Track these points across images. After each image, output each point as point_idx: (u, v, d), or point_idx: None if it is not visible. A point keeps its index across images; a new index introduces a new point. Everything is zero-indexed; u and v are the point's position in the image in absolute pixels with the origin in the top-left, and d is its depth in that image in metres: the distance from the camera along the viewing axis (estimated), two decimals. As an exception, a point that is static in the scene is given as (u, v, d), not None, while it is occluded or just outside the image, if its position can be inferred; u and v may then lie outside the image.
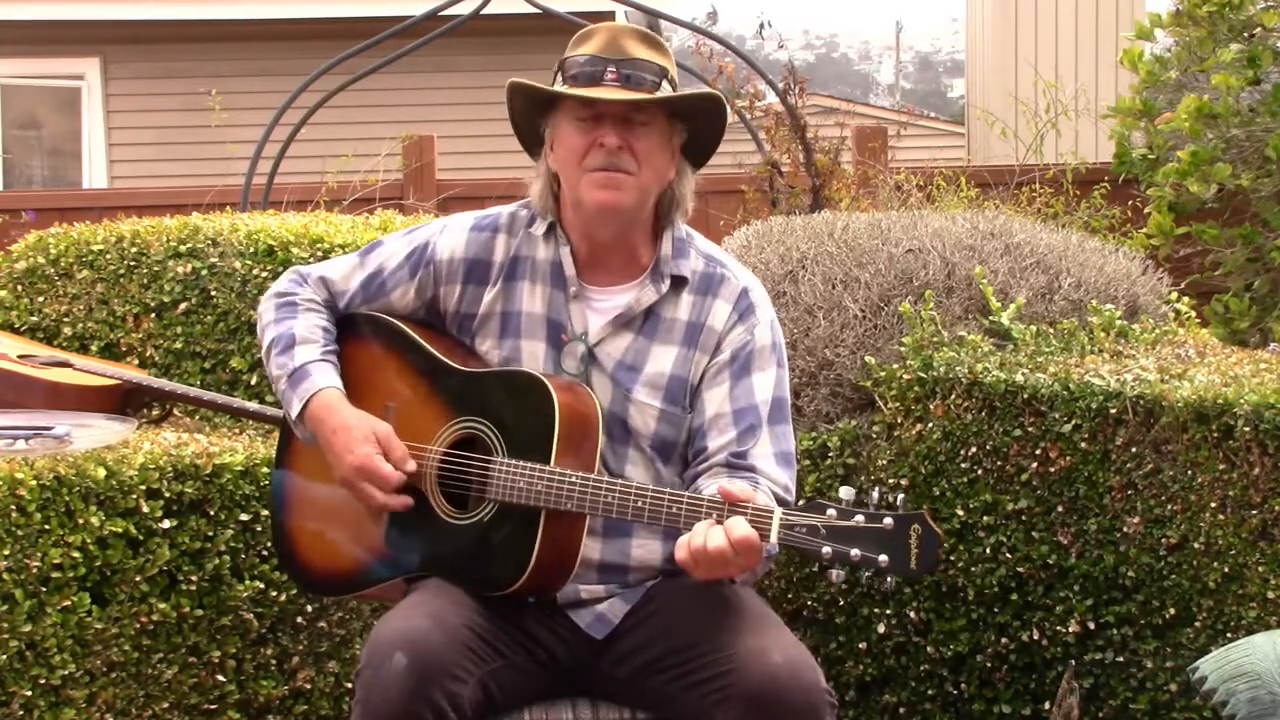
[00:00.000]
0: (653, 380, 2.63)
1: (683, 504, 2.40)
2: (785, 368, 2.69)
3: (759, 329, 2.66)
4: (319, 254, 3.99)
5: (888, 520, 2.27)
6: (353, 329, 2.79)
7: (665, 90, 2.60)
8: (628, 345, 2.65)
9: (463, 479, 2.58)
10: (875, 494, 2.33)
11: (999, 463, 3.34)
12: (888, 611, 3.44)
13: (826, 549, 2.27)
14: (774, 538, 2.30)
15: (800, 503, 2.38)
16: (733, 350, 2.64)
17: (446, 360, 2.67)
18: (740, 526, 2.30)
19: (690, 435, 2.64)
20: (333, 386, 2.68)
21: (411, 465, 2.60)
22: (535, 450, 2.50)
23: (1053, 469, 3.28)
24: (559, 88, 2.61)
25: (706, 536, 2.32)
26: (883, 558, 2.26)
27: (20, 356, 3.64)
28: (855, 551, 2.27)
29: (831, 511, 2.29)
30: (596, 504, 2.45)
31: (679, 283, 2.67)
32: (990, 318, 3.64)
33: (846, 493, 2.31)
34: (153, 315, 3.99)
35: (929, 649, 3.42)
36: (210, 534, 3.22)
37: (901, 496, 2.32)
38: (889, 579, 2.30)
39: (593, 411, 2.56)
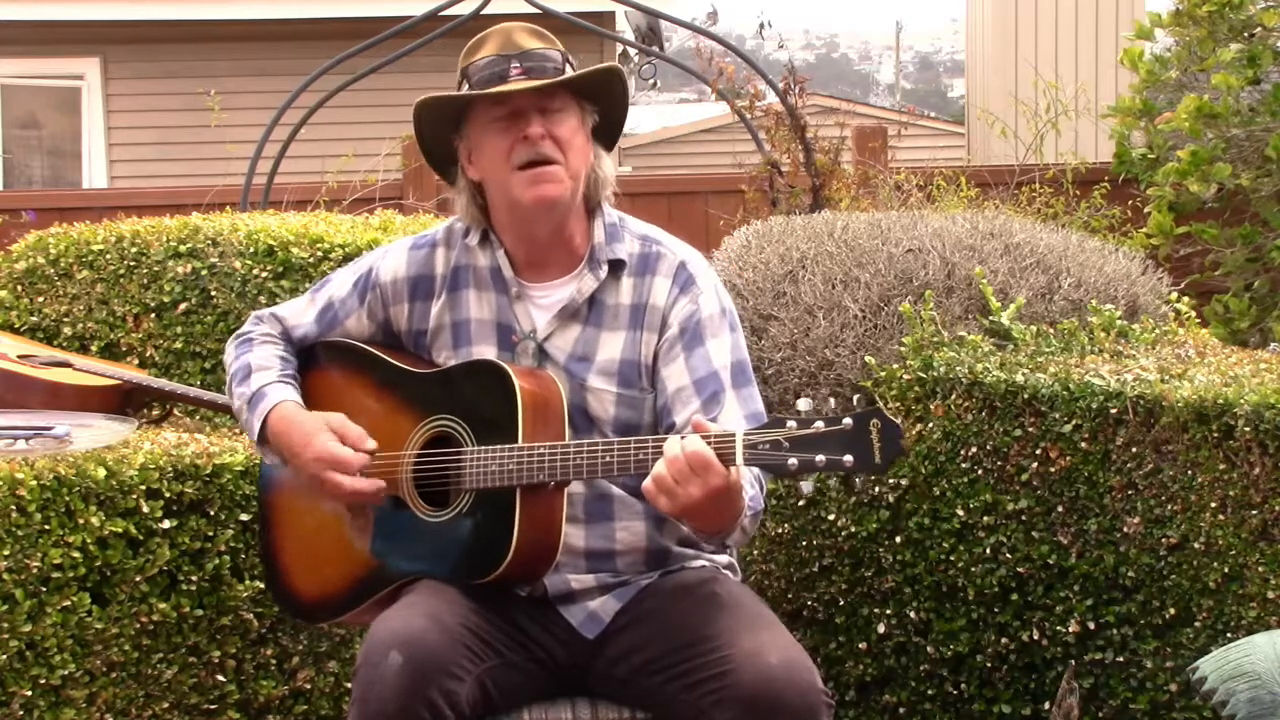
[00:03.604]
0: (605, 367, 2.65)
1: (648, 447, 2.41)
2: (739, 332, 2.70)
3: (703, 297, 2.66)
4: (319, 254, 3.99)
5: (847, 421, 2.27)
6: (313, 358, 2.83)
7: (569, 74, 2.64)
8: (577, 336, 2.67)
9: (439, 477, 2.59)
10: (832, 402, 2.33)
11: (999, 463, 3.34)
12: (888, 611, 3.44)
13: (792, 460, 2.27)
14: (739, 459, 2.30)
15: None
16: (680, 323, 2.64)
17: (407, 367, 2.71)
18: (694, 443, 2.31)
19: (657, 416, 2.64)
20: (288, 400, 2.71)
21: (371, 444, 2.62)
22: (503, 433, 2.52)
23: (1053, 469, 3.28)
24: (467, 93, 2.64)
25: (664, 460, 2.32)
26: (847, 458, 2.26)
27: (20, 356, 3.64)
28: (820, 457, 2.26)
29: (792, 423, 2.28)
30: (568, 468, 2.46)
31: (617, 267, 2.68)
32: (990, 318, 3.64)
33: (805, 404, 2.32)
34: (153, 315, 3.99)
35: (929, 649, 3.42)
36: (210, 534, 3.22)
37: (858, 396, 2.33)
38: (858, 479, 2.30)
39: (555, 392, 2.58)
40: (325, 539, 2.73)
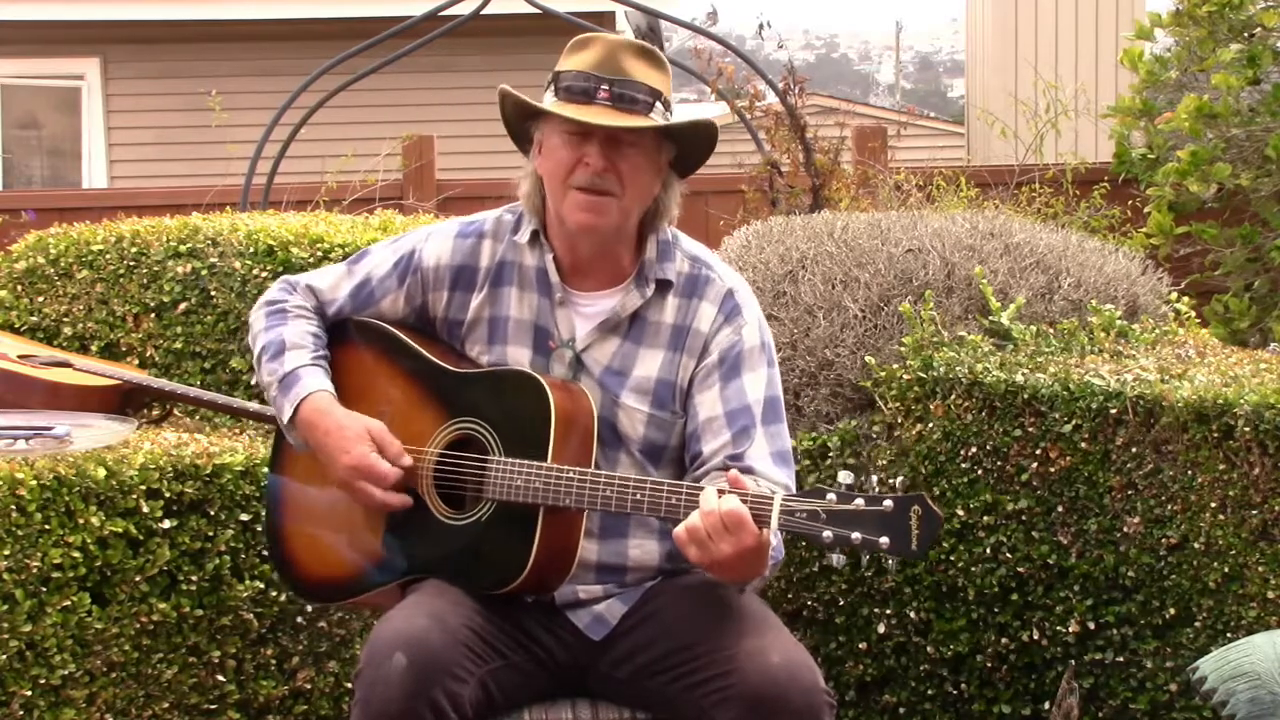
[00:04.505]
0: (640, 385, 2.63)
1: (681, 494, 2.40)
2: (775, 367, 2.68)
3: (746, 329, 2.65)
4: (319, 254, 3.99)
5: (887, 503, 2.27)
6: (345, 335, 2.78)
7: (658, 111, 2.58)
8: (615, 350, 2.65)
9: (459, 479, 2.58)
10: (874, 479, 2.33)
11: (999, 463, 3.34)
12: (888, 611, 3.44)
13: (827, 533, 2.27)
14: (775, 523, 2.30)
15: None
16: (721, 352, 2.62)
17: (440, 363, 2.67)
18: (730, 501, 2.31)
19: (684, 439, 2.63)
20: (323, 390, 2.67)
21: (408, 460, 2.60)
22: (532, 448, 2.50)
23: (1053, 469, 3.28)
24: (549, 101, 2.59)
25: (700, 512, 2.32)
26: (884, 540, 2.26)
27: (20, 356, 3.64)
28: (856, 535, 2.27)
29: (831, 496, 2.29)
30: (595, 498, 2.45)
31: (664, 286, 2.66)
32: (990, 318, 3.64)
33: (845, 478, 2.32)
34: (153, 315, 3.99)
35: (929, 649, 3.42)
36: (210, 534, 3.22)
37: (900, 479, 2.32)
38: (890, 560, 2.30)
39: (587, 410, 2.56)
40: (338, 521, 2.70)
